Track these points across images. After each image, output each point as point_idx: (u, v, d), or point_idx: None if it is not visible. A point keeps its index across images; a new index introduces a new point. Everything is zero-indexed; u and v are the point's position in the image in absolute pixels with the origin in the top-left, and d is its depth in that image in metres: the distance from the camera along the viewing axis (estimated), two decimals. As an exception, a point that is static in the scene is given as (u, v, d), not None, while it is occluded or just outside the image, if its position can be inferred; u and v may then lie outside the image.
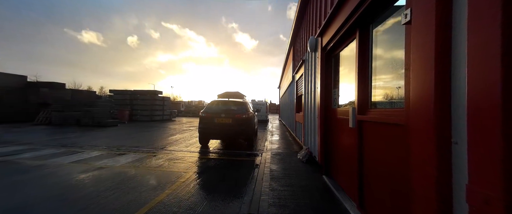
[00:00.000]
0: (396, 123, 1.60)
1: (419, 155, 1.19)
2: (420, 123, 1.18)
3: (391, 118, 1.69)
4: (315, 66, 4.23)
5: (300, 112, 6.82)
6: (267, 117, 17.80)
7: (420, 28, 1.20)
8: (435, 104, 1.07)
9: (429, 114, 1.10)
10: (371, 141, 2.06)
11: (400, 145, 1.55)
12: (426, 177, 1.13)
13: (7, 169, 3.62)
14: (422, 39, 1.18)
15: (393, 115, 1.70)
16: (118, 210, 2.31)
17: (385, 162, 1.79)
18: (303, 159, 4.43)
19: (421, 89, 1.17)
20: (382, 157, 1.85)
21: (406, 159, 1.35)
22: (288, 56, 11.17)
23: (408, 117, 1.32)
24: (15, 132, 8.19)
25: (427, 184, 1.12)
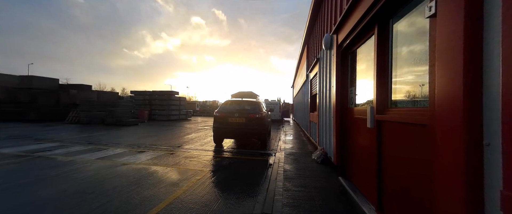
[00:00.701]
0: (419, 123, 1.51)
1: (445, 157, 1.11)
2: (447, 123, 1.10)
3: (414, 118, 1.60)
4: (330, 64, 4.12)
5: (314, 111, 6.68)
6: (280, 116, 17.68)
7: (446, 21, 1.12)
8: (464, 103, 0.99)
9: (457, 113, 1.02)
10: (391, 142, 1.96)
11: (424, 146, 1.46)
12: (453, 181, 1.05)
13: (42, 164, 3.99)
14: (449, 33, 1.09)
15: (415, 114, 1.60)
16: (139, 204, 2.44)
17: (407, 164, 1.70)
18: (318, 160, 4.34)
19: (448, 87, 1.09)
20: (403, 158, 1.75)
21: (430, 161, 1.27)
22: (301, 55, 10.99)
23: (433, 116, 1.24)
24: (49, 130, 8.99)
25: (454, 188, 1.04)
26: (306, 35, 8.06)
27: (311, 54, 7.59)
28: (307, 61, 8.50)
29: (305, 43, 8.96)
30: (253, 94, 7.31)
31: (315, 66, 6.13)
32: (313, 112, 6.91)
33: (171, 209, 2.36)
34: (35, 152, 4.86)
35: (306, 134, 8.58)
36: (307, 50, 8.58)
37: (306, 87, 8.78)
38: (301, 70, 11.61)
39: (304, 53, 9.83)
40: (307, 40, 8.51)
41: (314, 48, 6.88)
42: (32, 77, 14.83)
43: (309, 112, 7.49)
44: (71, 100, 14.14)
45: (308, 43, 8.52)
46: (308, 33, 7.84)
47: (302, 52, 10.54)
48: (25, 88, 14.04)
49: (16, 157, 4.45)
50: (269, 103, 17.57)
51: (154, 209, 2.34)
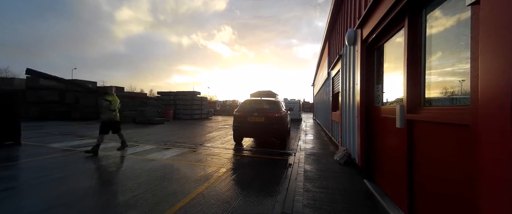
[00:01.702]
0: (460, 123, 1.35)
1: (492, 162, 0.98)
2: (494, 123, 0.97)
3: (453, 117, 1.44)
4: (354, 60, 3.91)
5: (336, 110, 6.41)
6: (300, 115, 17.31)
7: (492, 8, 0.99)
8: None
9: (506, 112, 0.90)
10: (424, 143, 1.79)
11: (463, 149, 1.31)
12: (501, 187, 0.92)
13: (82, 159, 4.49)
14: (495, 21, 0.96)
15: (454, 113, 1.44)
16: (166, 197, 2.61)
17: (444, 168, 1.54)
18: (341, 161, 4.16)
19: (495, 82, 0.96)
20: (440, 162, 1.59)
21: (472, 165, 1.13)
22: (322, 52, 10.61)
23: (476, 115, 1.10)
24: (89, 128, 10.06)
25: (502, 195, 0.91)
26: (327, 31, 7.76)
27: (333, 51, 7.28)
28: (328, 58, 8.18)
29: (326, 39, 8.63)
30: (272, 93, 7.28)
31: (337, 63, 5.87)
32: (335, 111, 6.64)
33: (195, 203, 2.47)
34: (79, 147, 5.49)
35: (327, 133, 8.28)
36: (329, 46, 8.26)
37: (328, 85, 8.46)
38: (322, 68, 11.22)
39: (325, 50, 9.48)
40: (328, 36, 8.18)
41: (336, 45, 6.59)
42: (75, 80, 16.75)
43: (331, 111, 7.21)
44: (107, 101, 15.60)
45: (330, 39, 8.19)
46: (330, 29, 7.53)
47: (323, 49, 10.17)
48: (70, 90, 15.93)
49: (64, 151, 5.08)
50: (288, 102, 17.29)
51: (179, 203, 2.48)
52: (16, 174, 3.48)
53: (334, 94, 6.84)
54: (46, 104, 14.46)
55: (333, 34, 7.43)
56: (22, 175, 3.41)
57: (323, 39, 8.90)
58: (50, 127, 9.66)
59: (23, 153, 4.82)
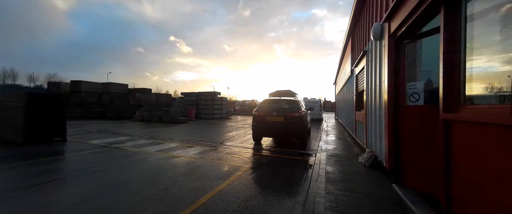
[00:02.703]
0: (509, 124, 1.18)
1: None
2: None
3: (502, 117, 1.27)
4: (380, 56, 3.66)
5: (361, 110, 6.07)
6: (321, 115, 16.75)
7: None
8: None
9: None
10: (464, 146, 1.61)
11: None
12: None
13: (117, 154, 4.92)
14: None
15: (504, 113, 1.26)
16: (190, 193, 2.74)
17: (488, 173, 1.36)
18: (366, 163, 3.93)
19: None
20: (484, 166, 1.41)
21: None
22: (345, 49, 10.13)
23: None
24: (122, 126, 11.00)
25: None
26: (350, 27, 7.38)
27: (357, 47, 6.90)
28: (351, 55, 7.78)
29: (349, 35, 8.22)
30: (291, 92, 7.16)
31: (361, 60, 5.55)
32: (359, 110, 6.29)
33: (216, 200, 2.55)
34: (113, 144, 6.04)
35: (351, 134, 7.89)
36: (352, 42, 7.85)
37: (351, 83, 8.05)
38: (344, 65, 10.72)
39: (348, 47, 9.03)
40: (351, 31, 7.78)
41: (360, 40, 6.24)
42: (110, 83, 18.48)
43: (354, 111, 6.85)
44: (137, 102, 16.93)
45: (353, 35, 7.78)
46: (353, 24, 7.15)
47: (346, 46, 9.70)
48: (106, 92, 17.63)
49: (101, 147, 5.63)
50: (309, 101, 16.83)
51: (202, 198, 2.58)
52: (63, 166, 3.96)
53: (358, 92, 6.48)
54: (86, 105, 16.21)
55: (356, 29, 7.04)
56: (67, 168, 3.86)
57: (346, 35, 8.49)
58: (89, 125, 10.79)
59: (68, 148, 5.47)
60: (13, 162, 4.07)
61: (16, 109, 5.78)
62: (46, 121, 6.11)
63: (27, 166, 3.85)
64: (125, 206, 2.38)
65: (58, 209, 2.31)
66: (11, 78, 38.73)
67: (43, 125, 6.03)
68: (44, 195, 2.67)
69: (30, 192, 2.76)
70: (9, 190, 2.81)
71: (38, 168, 3.74)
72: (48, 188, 2.88)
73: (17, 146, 5.48)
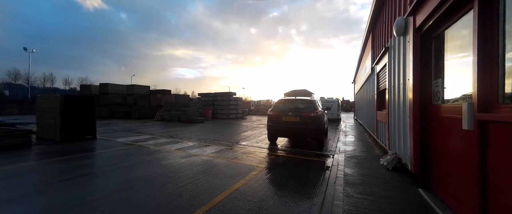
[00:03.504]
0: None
1: None
2: None
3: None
4: (404, 52, 3.44)
5: (382, 109, 5.75)
6: (339, 115, 16.16)
7: None
8: None
9: None
10: (504, 149, 1.44)
11: None
12: None
13: (141, 151, 5.23)
14: None
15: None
16: (207, 190, 2.82)
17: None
18: (388, 166, 3.71)
19: None
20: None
21: None
22: (365, 45, 9.67)
23: None
24: (144, 125, 11.66)
25: None
26: (370, 22, 7.02)
27: (378, 44, 6.55)
28: (372, 52, 7.40)
29: (369, 31, 7.83)
30: (307, 92, 7.02)
31: (383, 57, 5.26)
32: (380, 110, 5.96)
33: (232, 198, 2.59)
34: (137, 142, 6.43)
35: (371, 135, 7.50)
36: (372, 39, 7.46)
37: (371, 82, 7.66)
38: (364, 63, 10.24)
39: (368, 43, 8.60)
40: (371, 27, 7.40)
41: (381, 36, 5.91)
42: (133, 85, 19.71)
43: (376, 110, 6.51)
44: (158, 102, 17.85)
45: (373, 30, 7.39)
46: (373, 19, 6.80)
47: (366, 42, 9.25)
48: (130, 94, 18.84)
49: (126, 144, 6.03)
50: (325, 101, 16.34)
51: (218, 196, 2.64)
52: (94, 162, 4.31)
53: (380, 91, 6.14)
54: (113, 106, 17.47)
55: (377, 25, 6.68)
56: (98, 163, 4.20)
57: (365, 32, 8.10)
58: (116, 125, 11.60)
59: (98, 145, 5.94)
60: (53, 157, 4.53)
61: (54, 110, 6.42)
62: (79, 120, 6.70)
63: (64, 161, 4.26)
64: (149, 200, 2.52)
65: (92, 200, 2.52)
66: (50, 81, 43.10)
67: (76, 124, 6.62)
68: (79, 187, 2.93)
69: (67, 184, 3.05)
70: (50, 182, 3.14)
71: (74, 163, 4.12)
72: (82, 181, 3.16)
73: (55, 143, 6.08)
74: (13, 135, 5.24)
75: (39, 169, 3.82)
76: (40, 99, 7.04)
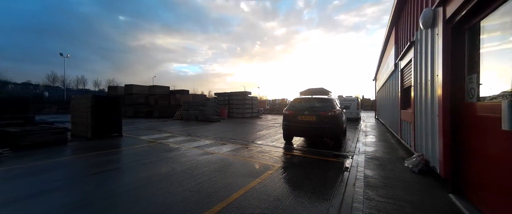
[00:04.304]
0: None
1: None
2: None
3: None
4: (432, 46, 3.18)
5: (407, 108, 5.38)
6: (358, 114, 15.45)
7: None
8: None
9: None
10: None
11: None
12: None
13: (161, 148, 5.50)
14: None
15: None
16: (224, 188, 2.88)
17: None
18: (414, 169, 3.47)
19: None
20: None
21: None
22: (387, 40, 9.12)
23: None
24: (164, 124, 12.25)
25: None
26: (393, 15, 6.60)
27: (402, 38, 6.14)
28: (395, 47, 6.95)
29: (392, 25, 7.36)
30: (324, 90, 6.82)
31: (408, 52, 4.92)
32: (405, 108, 5.59)
33: (247, 197, 2.62)
34: (158, 139, 6.77)
35: (395, 135, 7.07)
36: (396, 33, 7.00)
37: (394, 79, 7.21)
38: (386, 59, 9.66)
39: (391, 38, 8.10)
40: (395, 21, 6.95)
41: (405, 30, 5.53)
42: (155, 86, 20.79)
43: (399, 109, 6.11)
44: (177, 102, 18.63)
45: (397, 24, 6.94)
46: (397, 12, 6.37)
47: (388, 37, 8.72)
48: (152, 94, 19.91)
49: (148, 142, 6.39)
50: (344, 100, 15.70)
51: (234, 194, 2.68)
52: (120, 158, 4.63)
53: (404, 89, 5.76)
54: (136, 106, 18.60)
55: (401, 17, 6.26)
56: (124, 159, 4.50)
57: (388, 25, 7.63)
58: (139, 123, 12.33)
59: (123, 142, 6.37)
60: (85, 153, 4.97)
61: (86, 109, 7.02)
62: (108, 119, 7.25)
63: (95, 156, 4.65)
64: (171, 195, 2.65)
65: (119, 193, 2.72)
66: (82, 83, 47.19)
67: (105, 122, 7.17)
68: (108, 180, 3.18)
69: (98, 177, 3.32)
70: (81, 175, 3.45)
71: (103, 158, 4.47)
72: (111, 175, 3.42)
73: (87, 140, 6.65)
74: (52, 132, 5.84)
75: (74, 163, 4.21)
76: (74, 100, 7.74)
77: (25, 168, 3.79)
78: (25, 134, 5.34)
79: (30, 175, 3.42)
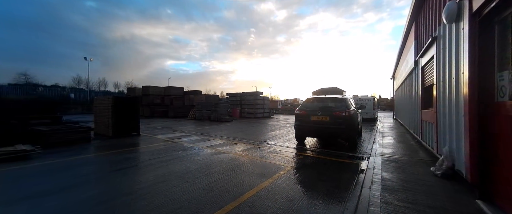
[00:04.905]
0: None
1: None
2: None
3: None
4: (457, 42, 2.98)
5: (429, 108, 5.08)
6: (375, 115, 14.83)
7: None
8: None
9: None
10: None
11: None
12: None
13: (176, 147, 5.68)
14: None
15: None
16: (236, 187, 2.91)
17: None
18: (437, 172, 3.26)
19: None
20: None
21: None
22: (406, 37, 8.67)
23: None
24: (179, 124, 12.63)
25: None
26: (413, 10, 6.25)
27: (422, 34, 5.80)
28: (415, 43, 6.59)
29: (412, 20, 6.98)
30: (338, 90, 6.63)
31: (429, 48, 4.64)
32: (426, 108, 5.28)
33: (260, 196, 2.62)
34: (173, 139, 7.00)
35: (415, 136, 6.70)
36: (416, 28, 6.63)
37: (415, 77, 6.84)
38: (405, 56, 9.19)
39: (411, 34, 7.69)
40: (415, 15, 6.59)
41: (426, 25, 5.22)
42: (170, 87, 21.52)
43: (420, 109, 5.78)
44: (191, 102, 19.14)
45: (417, 19, 6.57)
46: (417, 6, 6.03)
47: (407, 34, 8.28)
48: (167, 95, 20.63)
49: (164, 141, 6.63)
50: (359, 99, 15.14)
51: (247, 193, 2.70)
52: (138, 156, 4.86)
53: (425, 87, 5.44)
54: (153, 106, 19.37)
55: (422, 12, 5.92)
56: (141, 157, 4.71)
57: (407, 21, 7.25)
58: (155, 123, 12.83)
59: (141, 141, 6.67)
60: (107, 150, 5.27)
61: (107, 110, 7.44)
62: (127, 118, 7.63)
63: (116, 154, 4.91)
64: (185, 193, 2.73)
65: (137, 189, 2.86)
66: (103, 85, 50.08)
67: (124, 122, 7.55)
68: (128, 177, 3.35)
69: (119, 173, 3.51)
70: (103, 172, 3.66)
71: (123, 156, 4.71)
72: (130, 172, 3.60)
73: (108, 138, 7.05)
74: (77, 131, 6.26)
75: (98, 160, 4.49)
76: (97, 101, 8.24)
77: (55, 163, 4.11)
78: (54, 132, 5.77)
79: (61, 170, 3.70)
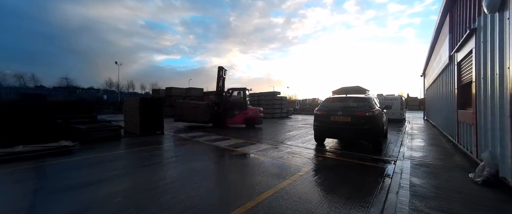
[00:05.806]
0: None
1: None
2: None
3: None
4: (501, 34, 2.64)
5: (466, 108, 4.57)
6: (402, 115, 13.75)
7: None
8: None
9: None
10: None
11: None
12: None
13: (196, 146, 5.91)
14: None
15: None
16: (254, 187, 2.93)
17: None
18: (477, 179, 2.92)
19: None
20: None
21: None
22: (439, 30, 7.91)
23: None
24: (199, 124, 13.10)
25: None
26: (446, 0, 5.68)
27: (458, 25, 5.24)
28: (450, 36, 5.97)
29: (445, 10, 6.35)
30: (361, 89, 6.28)
31: (467, 41, 4.17)
32: (463, 108, 4.76)
33: (277, 197, 2.60)
34: (194, 137, 7.29)
35: (451, 139, 6.08)
36: (451, 19, 6.02)
37: (449, 74, 6.21)
38: (438, 50, 8.39)
39: (444, 26, 6.99)
40: (449, 5, 5.98)
41: (463, 16, 4.70)
42: (191, 88, 22.48)
43: (456, 109, 5.23)
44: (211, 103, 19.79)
45: (452, 9, 5.95)
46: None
47: (440, 26, 7.55)
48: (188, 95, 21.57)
49: (186, 139, 6.93)
50: (384, 99, 14.15)
51: (265, 193, 2.69)
52: (162, 153, 5.15)
53: (462, 85, 4.91)
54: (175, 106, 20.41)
55: (457, 1, 5.35)
56: (166, 154, 4.99)
57: (440, 12, 6.62)
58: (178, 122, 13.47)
59: (165, 139, 7.06)
60: (135, 147, 5.69)
61: (135, 110, 8.01)
62: (152, 118, 8.14)
63: (143, 151, 5.27)
64: (204, 190, 2.82)
65: (163, 184, 3.03)
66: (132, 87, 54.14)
67: (150, 121, 8.07)
68: (154, 172, 3.58)
69: (146, 169, 3.77)
70: (134, 167, 3.96)
71: (149, 153, 5.04)
72: (156, 168, 3.84)
73: (136, 136, 7.59)
74: (110, 129, 6.85)
75: (126, 156, 4.87)
76: (126, 102, 8.92)
77: (91, 158, 4.55)
78: (90, 130, 6.39)
79: (97, 164, 4.09)
